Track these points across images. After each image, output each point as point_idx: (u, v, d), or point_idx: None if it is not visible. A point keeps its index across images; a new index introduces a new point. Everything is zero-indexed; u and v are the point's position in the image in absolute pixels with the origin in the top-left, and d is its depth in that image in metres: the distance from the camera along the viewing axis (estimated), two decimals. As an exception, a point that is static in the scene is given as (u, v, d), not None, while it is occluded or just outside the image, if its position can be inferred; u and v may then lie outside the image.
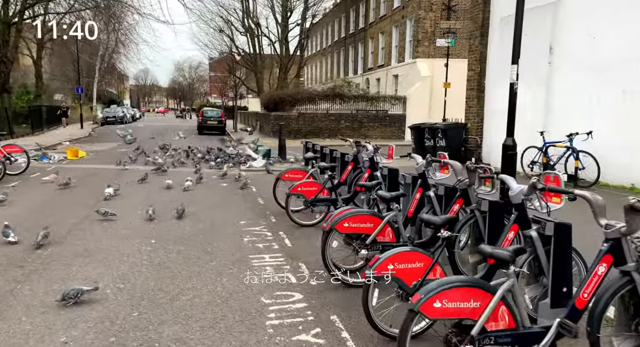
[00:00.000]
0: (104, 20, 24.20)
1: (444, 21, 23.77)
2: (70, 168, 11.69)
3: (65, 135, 23.54)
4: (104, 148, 17.61)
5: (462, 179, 3.75)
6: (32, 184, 9.27)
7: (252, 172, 11.58)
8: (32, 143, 18.03)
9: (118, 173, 10.81)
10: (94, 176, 10.35)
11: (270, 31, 33.27)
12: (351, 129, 23.99)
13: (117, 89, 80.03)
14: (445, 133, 11.63)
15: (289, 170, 6.81)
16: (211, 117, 27.96)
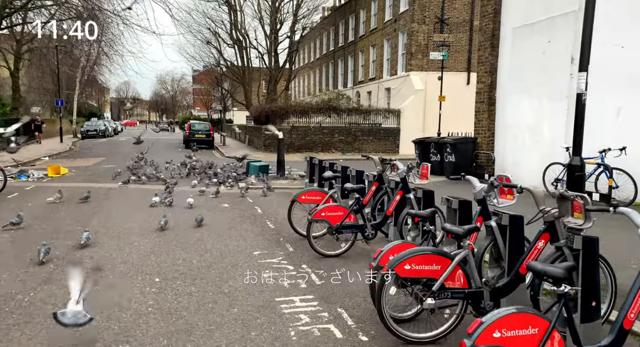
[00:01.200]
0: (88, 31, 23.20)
1: (437, 34, 23.64)
2: (52, 187, 10.72)
3: (44, 150, 22.32)
4: (87, 164, 16.57)
5: (548, 210, 3.12)
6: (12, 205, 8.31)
7: (252, 190, 10.82)
8: (9, 159, 16.90)
9: (108, 193, 9.90)
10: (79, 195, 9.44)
11: (259, 43, 32.80)
12: (345, 142, 23.47)
13: (98, 101, 78.23)
14: (454, 148, 11.13)
15: (306, 191, 6.12)
16: (199, 130, 27.06)
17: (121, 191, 10.21)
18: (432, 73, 23.93)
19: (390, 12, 26.84)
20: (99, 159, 17.82)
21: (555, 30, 8.60)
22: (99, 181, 11.87)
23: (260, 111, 24.81)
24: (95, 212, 7.83)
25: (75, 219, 7.27)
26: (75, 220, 7.16)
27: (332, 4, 39.47)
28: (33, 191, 10.12)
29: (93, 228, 6.57)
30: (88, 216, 7.46)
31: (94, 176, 12.95)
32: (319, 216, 5.15)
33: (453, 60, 23.48)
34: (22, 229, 6.54)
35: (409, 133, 23.71)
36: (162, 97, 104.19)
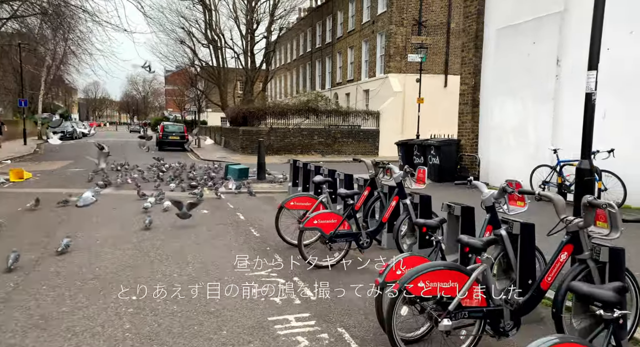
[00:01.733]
0: (53, 28, 22.05)
1: (415, 36, 23.71)
2: (14, 193, 9.95)
3: (6, 152, 21.05)
4: (53, 167, 15.64)
5: (571, 219, 2.88)
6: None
7: (231, 194, 10.36)
8: (-34, 163, 15.80)
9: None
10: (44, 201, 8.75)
11: (235, 43, 32.15)
12: (325, 144, 23.19)
13: (65, 102, 75.29)
14: (439, 150, 11.00)
15: (294, 197, 5.75)
16: (172, 132, 26.23)
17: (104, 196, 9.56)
18: (411, 75, 23.96)
19: (368, 13, 26.78)
20: (66, 162, 16.89)
21: (540, 32, 8.58)
22: (66, 185, 11.13)
23: (237, 112, 24.23)
24: (62, 221, 7.22)
25: (40, 227, 6.66)
26: (39, 228, 6.56)
27: (309, 5, 39.24)
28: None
29: (57, 239, 6.01)
30: (53, 225, 6.86)
31: (61, 180, 12.16)
32: (311, 224, 4.80)
33: (431, 63, 23.59)
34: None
35: (388, 135, 23.68)
36: (133, 98, 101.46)
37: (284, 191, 10.72)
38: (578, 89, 8.06)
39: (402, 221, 4.93)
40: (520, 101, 9.14)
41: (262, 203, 9.27)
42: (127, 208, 8.36)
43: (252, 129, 23.26)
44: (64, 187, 10.70)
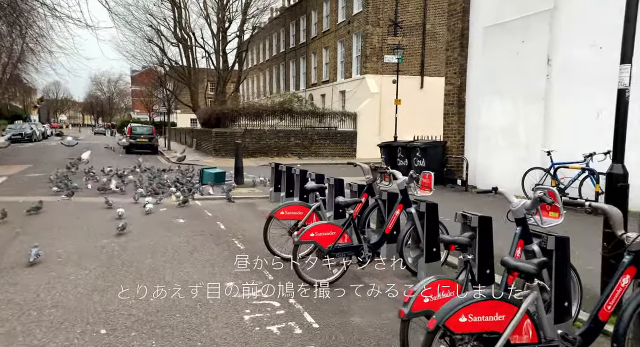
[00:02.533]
0: (8, 23, 20.50)
1: (391, 37, 23.53)
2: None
3: (-43, 157, 19.39)
4: (10, 172, 14.39)
5: (635, 237, 2.46)
6: None
7: (208, 201, 9.68)
8: None
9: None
10: None
11: (206, 42, 31.11)
12: (302, 146, 22.66)
13: (23, 103, 71.40)
14: (425, 152, 10.69)
15: (285, 205, 5.19)
16: (141, 134, 25.02)
17: (53, 206, 8.65)
18: (387, 76, 23.80)
19: (343, 13, 26.47)
20: (24, 167, 15.60)
21: (530, 30, 8.39)
22: (24, 192, 10.11)
23: (210, 114, 23.35)
24: (17, 234, 6.38)
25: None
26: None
27: (282, 5, 38.62)
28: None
29: (10, 257, 5.23)
30: (6, 240, 6.02)
31: (19, 187, 11.09)
32: (308, 238, 4.27)
33: (407, 64, 23.50)
34: None
35: (366, 136, 23.41)
36: (98, 99, 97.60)
37: (265, 196, 10.14)
38: (570, 88, 7.94)
39: (407, 232, 4.48)
40: (510, 101, 8.94)
41: (242, 210, 8.65)
42: (94, 216, 7.56)
43: (226, 130, 22.45)
44: (20, 195, 9.71)
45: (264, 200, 9.85)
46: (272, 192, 9.58)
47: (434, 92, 24.21)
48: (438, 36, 24.36)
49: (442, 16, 24.22)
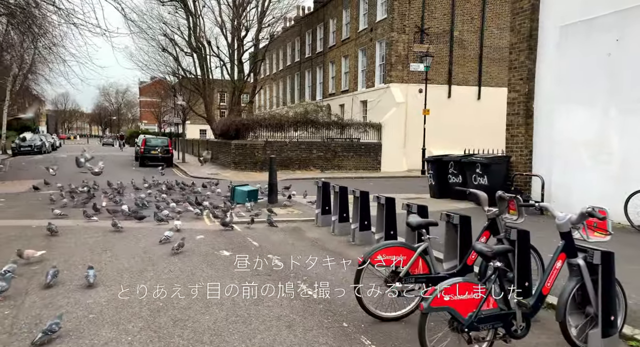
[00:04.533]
0: (21, 31, 19.69)
1: (417, 44, 22.53)
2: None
3: (-36, 171, 18.43)
4: (20, 189, 13.33)
5: None
6: None
7: (242, 223, 8.50)
8: None
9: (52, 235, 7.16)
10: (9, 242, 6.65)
11: (221, 51, 30.25)
12: (324, 159, 21.53)
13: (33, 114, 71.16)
14: (487, 168, 9.47)
15: (383, 247, 3.96)
16: (155, 146, 24.03)
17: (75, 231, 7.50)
18: (413, 85, 22.74)
19: (365, 21, 25.53)
20: (35, 182, 14.50)
21: (628, 27, 7.23)
22: (36, 215, 8.99)
23: (229, 125, 22.30)
24: (36, 272, 5.21)
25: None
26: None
27: (296, 14, 37.91)
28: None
29: (25, 312, 4.06)
30: (28, 276, 4.85)
31: (30, 209, 9.98)
32: (441, 303, 3.03)
33: (433, 73, 22.43)
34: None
35: (391, 148, 22.27)
36: (105, 110, 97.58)
37: (307, 219, 8.96)
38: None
39: (572, 292, 3.25)
40: (599, 110, 7.74)
41: (291, 238, 7.45)
42: (120, 246, 6.40)
43: (246, 142, 21.38)
44: (33, 217, 8.60)
45: (308, 223, 8.66)
46: (320, 214, 8.40)
47: (463, 102, 23.14)
48: (466, 43, 23.32)
49: (470, 23, 23.22)
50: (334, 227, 7.73)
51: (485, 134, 21.01)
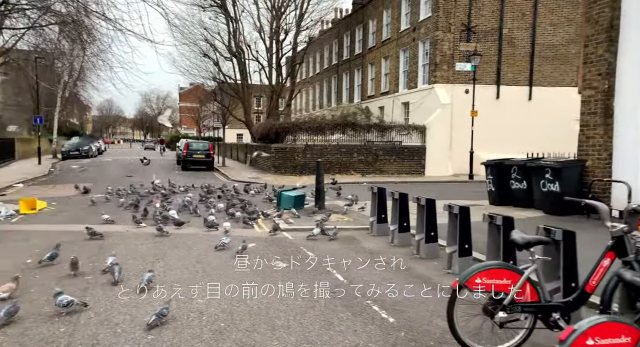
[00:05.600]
0: (72, 38, 20.34)
1: (463, 43, 21.57)
2: (22, 232, 7.78)
3: (19, 174, 19.14)
4: (70, 193, 13.54)
5: None
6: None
7: (297, 232, 8.07)
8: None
9: (105, 244, 6.99)
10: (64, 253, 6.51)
11: (260, 55, 30.27)
12: (365, 163, 20.93)
13: (80, 119, 74.62)
14: (558, 173, 8.60)
15: (483, 269, 3.37)
16: (197, 150, 24.23)
17: (125, 238, 7.32)
18: (459, 86, 21.77)
19: (407, 20, 24.78)
20: (84, 185, 14.72)
21: None
22: (87, 219, 8.93)
23: (269, 128, 22.13)
24: (90, 283, 4.95)
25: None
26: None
27: (334, 17, 37.56)
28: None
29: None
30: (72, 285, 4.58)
31: (81, 212, 10.00)
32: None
33: (481, 72, 21.35)
34: None
35: (436, 151, 21.38)
36: (147, 115, 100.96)
37: (361, 227, 8.43)
38: None
39: None
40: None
41: (347, 249, 6.94)
42: (179, 257, 6.10)
43: (286, 146, 21.10)
44: (84, 222, 8.53)
45: (362, 232, 8.13)
46: (375, 223, 7.85)
47: (512, 103, 21.92)
48: (516, 41, 22.11)
49: (520, 19, 22.01)
50: (392, 238, 7.17)
51: (537, 136, 19.78)
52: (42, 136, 30.36)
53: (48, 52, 26.62)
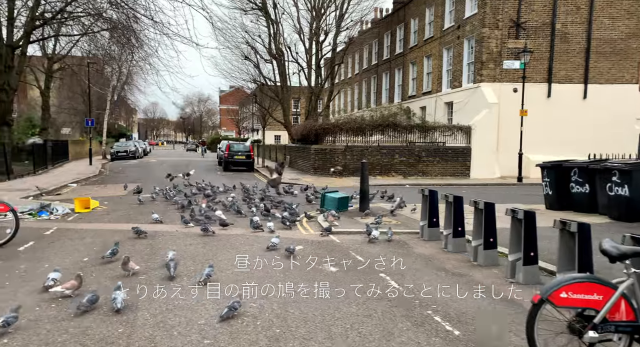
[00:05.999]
0: (122, 43, 21.20)
1: (511, 40, 20.64)
2: (78, 231, 8.05)
3: (72, 174, 20.10)
4: (120, 192, 14.00)
5: None
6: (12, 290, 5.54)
7: (343, 235, 7.87)
8: (32, 186, 14.55)
9: (156, 241, 7.08)
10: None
11: (299, 56, 30.38)
12: (407, 164, 20.44)
13: (127, 122, 78.04)
14: (628, 176, 7.93)
15: (569, 282, 3.02)
16: (239, 151, 24.59)
17: (175, 238, 7.40)
18: (506, 84, 20.85)
19: (451, 18, 24.05)
20: (133, 186, 15.23)
21: None
22: (138, 219, 9.15)
23: (309, 129, 22.07)
24: (140, 286, 4.97)
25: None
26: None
27: (373, 17, 37.14)
28: (54, 240, 7.43)
29: (145, 335, 3.71)
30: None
31: (131, 212, 10.26)
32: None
33: (530, 70, 20.32)
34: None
35: (482, 153, 20.55)
36: (189, 118, 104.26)
37: (410, 231, 8.11)
38: None
39: None
40: None
41: (396, 253, 6.66)
42: (229, 258, 6.05)
43: (326, 147, 20.96)
44: (135, 221, 8.72)
45: (412, 236, 7.82)
46: (426, 227, 7.51)
47: (565, 102, 20.73)
48: (570, 37, 20.90)
49: (575, 13, 20.81)
50: (446, 243, 6.82)
51: (592, 137, 18.57)
52: (93, 138, 31.86)
53: (99, 58, 28.02)
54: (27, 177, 17.86)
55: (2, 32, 17.87)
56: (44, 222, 8.98)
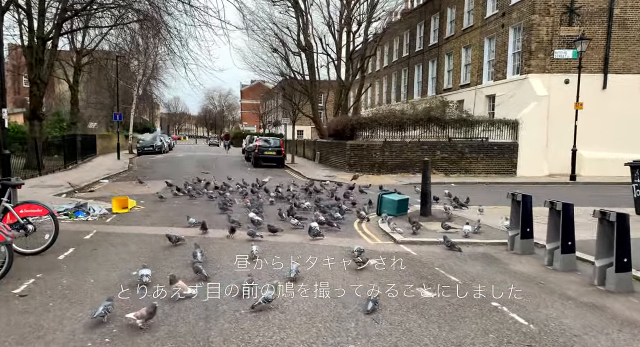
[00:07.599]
0: (151, 36, 20.59)
1: (564, 28, 19.15)
2: (120, 234, 7.30)
3: (102, 169, 19.64)
4: (153, 189, 13.29)
5: None
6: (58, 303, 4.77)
7: (416, 245, 6.90)
8: (64, 182, 14.03)
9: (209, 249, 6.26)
10: (160, 256, 5.79)
11: (330, 48, 29.30)
12: (449, 161, 19.27)
13: (150, 116, 78.47)
14: None
15: None
16: (269, 146, 23.78)
17: (224, 245, 6.56)
18: (557, 75, 19.41)
19: (494, 5, 22.59)
20: (164, 182, 14.52)
21: None
22: (176, 222, 8.38)
23: (344, 124, 21.07)
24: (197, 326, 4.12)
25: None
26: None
27: (404, 7, 35.69)
28: (95, 246, 6.69)
29: None
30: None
31: (169, 213, 9.51)
32: None
33: (585, 59, 18.78)
34: None
35: (531, 149, 19.22)
36: (210, 113, 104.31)
37: (497, 242, 7.05)
38: None
39: None
40: None
41: (490, 270, 5.66)
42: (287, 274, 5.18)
43: (363, 143, 19.94)
44: (173, 224, 7.93)
45: (499, 248, 6.78)
46: (518, 238, 6.47)
47: (624, 93, 19.16)
48: (629, 23, 19.28)
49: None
50: (551, 259, 5.77)
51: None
52: (120, 132, 31.61)
53: (126, 51, 27.62)
54: (58, 172, 17.44)
55: (33, 24, 17.44)
56: (81, 224, 8.30)
